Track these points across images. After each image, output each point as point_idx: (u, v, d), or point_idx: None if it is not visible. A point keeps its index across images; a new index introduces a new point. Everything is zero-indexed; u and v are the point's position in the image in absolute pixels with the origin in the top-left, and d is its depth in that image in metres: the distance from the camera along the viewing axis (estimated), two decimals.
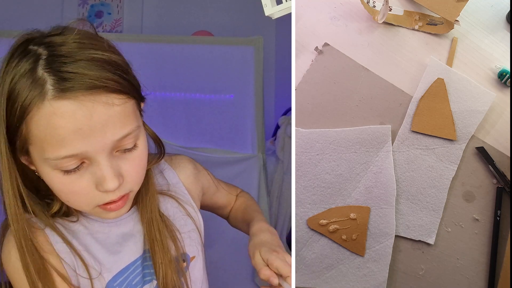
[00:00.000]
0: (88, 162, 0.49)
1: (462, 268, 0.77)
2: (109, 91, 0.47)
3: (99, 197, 0.50)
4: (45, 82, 0.46)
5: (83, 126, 0.46)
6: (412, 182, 0.78)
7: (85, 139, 0.46)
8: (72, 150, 0.46)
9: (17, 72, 0.47)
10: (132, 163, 0.51)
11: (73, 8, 2.31)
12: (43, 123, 0.46)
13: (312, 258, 0.76)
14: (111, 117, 0.47)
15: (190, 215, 0.65)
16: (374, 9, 0.81)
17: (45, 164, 0.48)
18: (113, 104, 0.48)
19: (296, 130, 0.78)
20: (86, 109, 0.46)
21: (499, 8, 0.83)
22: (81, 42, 0.49)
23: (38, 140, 0.47)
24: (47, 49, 0.48)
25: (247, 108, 1.79)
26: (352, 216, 0.76)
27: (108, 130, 0.47)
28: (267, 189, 1.82)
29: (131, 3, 2.35)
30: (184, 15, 2.33)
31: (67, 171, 0.48)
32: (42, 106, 0.45)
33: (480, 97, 0.78)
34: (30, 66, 0.47)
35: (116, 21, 2.34)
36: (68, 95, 0.45)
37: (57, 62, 0.46)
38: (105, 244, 0.58)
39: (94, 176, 0.49)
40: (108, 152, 0.49)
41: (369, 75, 0.80)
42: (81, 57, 0.47)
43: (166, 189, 0.65)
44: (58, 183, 0.49)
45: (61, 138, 0.46)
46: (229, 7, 2.35)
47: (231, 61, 1.75)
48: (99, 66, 0.48)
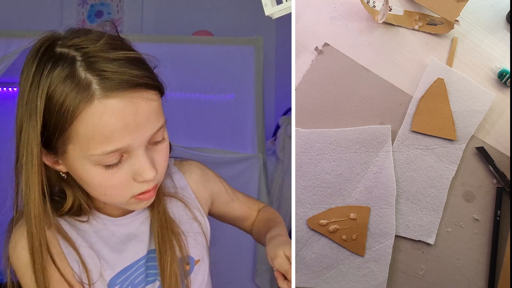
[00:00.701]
0: (126, 156, 0.51)
1: (462, 268, 0.77)
2: (148, 88, 0.51)
3: (136, 187, 0.53)
4: (90, 83, 0.48)
5: (130, 122, 0.49)
6: (412, 182, 0.78)
7: (131, 134, 0.49)
8: (119, 144, 0.49)
9: (55, 77, 0.48)
10: (161, 154, 0.55)
11: (73, 8, 2.31)
12: (93, 122, 0.48)
13: (312, 258, 0.76)
14: (151, 112, 0.51)
15: (196, 218, 0.66)
16: (374, 9, 0.81)
17: (86, 161, 0.50)
18: (152, 99, 0.51)
19: (296, 130, 0.78)
20: (133, 105, 0.49)
21: (499, 8, 0.83)
22: (110, 42, 0.51)
23: (84, 139, 0.48)
24: (79, 51, 0.49)
25: (247, 108, 1.79)
26: (352, 216, 0.76)
27: (149, 124, 0.51)
28: (267, 189, 1.82)
29: (131, 3, 2.35)
30: (184, 15, 2.33)
31: (108, 166, 0.50)
32: (92, 106, 0.47)
33: (480, 97, 0.78)
34: (68, 69, 0.48)
35: (116, 21, 2.34)
36: (115, 94, 0.48)
37: (95, 62, 0.48)
38: (109, 242, 0.60)
39: (133, 168, 0.52)
40: (145, 144, 0.52)
41: (369, 75, 0.80)
42: (115, 57, 0.49)
43: (173, 192, 0.66)
44: (98, 178, 0.51)
45: (110, 134, 0.48)
46: (229, 7, 2.35)
47: (231, 61, 1.75)
48: (134, 64, 0.51)
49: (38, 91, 0.49)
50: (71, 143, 0.49)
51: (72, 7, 2.31)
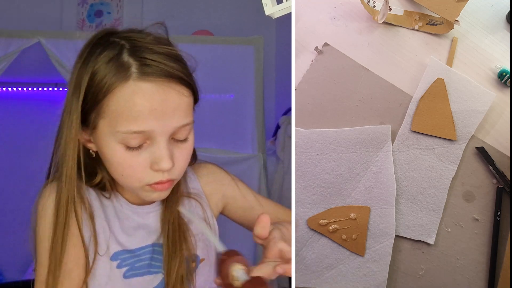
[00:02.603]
0: (149, 143, 0.54)
1: (462, 268, 0.77)
2: (181, 82, 0.55)
3: (151, 175, 0.56)
4: (130, 66, 0.53)
5: (157, 107, 0.52)
6: (412, 182, 0.78)
7: (156, 119, 0.52)
8: (143, 126, 0.52)
9: (102, 58, 0.54)
10: (182, 152, 0.57)
11: (73, 7, 2.31)
12: (124, 99, 0.52)
13: (312, 258, 0.76)
14: (180, 105, 0.55)
15: (206, 219, 0.68)
16: (374, 9, 0.81)
17: (112, 137, 0.54)
18: (183, 94, 0.55)
19: (296, 130, 0.78)
20: (163, 92, 0.53)
21: (499, 8, 0.83)
22: (159, 41, 0.57)
23: (114, 114, 0.53)
24: (129, 42, 0.55)
25: (247, 108, 1.79)
26: (352, 216, 0.76)
27: (175, 115, 0.54)
28: (267, 189, 1.82)
29: (131, 3, 2.35)
30: (184, 15, 2.33)
31: (129, 147, 0.54)
32: (126, 85, 0.52)
33: (480, 97, 0.78)
34: (115, 53, 0.54)
35: (116, 21, 2.34)
36: (149, 78, 0.52)
37: (139, 51, 0.54)
38: (122, 223, 0.63)
39: (152, 155, 0.54)
40: (168, 136, 0.55)
41: (369, 75, 0.80)
42: (159, 50, 0.54)
43: (186, 192, 0.69)
44: (119, 157, 0.54)
45: (136, 114, 0.52)
46: (229, 7, 2.35)
47: (231, 61, 1.75)
48: (174, 60, 0.55)
49: (86, 68, 0.54)
50: (102, 117, 0.54)
51: (72, 6, 2.31)
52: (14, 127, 2.21)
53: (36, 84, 2.25)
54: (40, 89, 2.26)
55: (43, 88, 2.26)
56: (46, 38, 1.70)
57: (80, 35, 1.77)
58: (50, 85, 2.24)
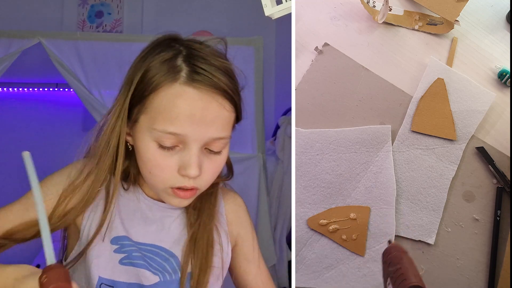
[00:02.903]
0: (181, 147, 0.56)
1: (462, 268, 0.77)
2: (225, 96, 0.56)
3: (176, 179, 0.57)
4: (181, 69, 0.55)
5: (196, 113, 0.54)
6: (412, 182, 0.78)
7: (193, 125, 0.54)
8: (178, 129, 0.54)
9: (158, 57, 0.57)
10: (212, 164, 0.59)
11: (73, 8, 2.32)
12: (167, 99, 0.54)
13: (312, 258, 0.76)
14: (219, 117, 0.56)
15: (221, 244, 0.68)
16: (374, 9, 0.81)
17: (148, 133, 0.56)
18: (224, 107, 0.56)
19: (296, 130, 0.78)
20: (206, 101, 0.55)
21: (499, 8, 0.83)
22: (215, 53, 0.59)
23: (155, 112, 0.55)
24: (187, 49, 0.58)
25: (247, 108, 1.78)
26: (352, 216, 0.76)
27: (212, 126, 0.55)
28: (267, 189, 1.82)
29: (131, 3, 2.35)
30: (184, 15, 2.33)
31: (162, 146, 0.56)
32: (172, 86, 0.55)
33: (480, 97, 0.78)
34: (171, 56, 0.57)
35: (116, 21, 2.34)
36: (195, 85, 0.54)
37: (193, 58, 0.56)
38: (133, 213, 0.65)
39: (182, 159, 0.56)
40: (201, 145, 0.56)
41: (369, 75, 0.80)
42: (212, 62, 0.57)
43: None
44: (150, 153, 0.56)
45: (175, 115, 0.54)
46: (229, 7, 2.35)
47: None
48: (224, 73, 0.57)
49: (142, 65, 0.57)
50: (144, 113, 0.56)
51: (72, 7, 2.31)
52: (14, 127, 2.21)
53: (37, 85, 2.25)
54: (41, 89, 2.26)
55: (44, 89, 2.26)
56: (47, 38, 1.70)
57: (80, 36, 1.77)
58: (51, 86, 2.24)
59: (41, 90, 2.26)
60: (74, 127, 2.23)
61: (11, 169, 2.19)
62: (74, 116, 2.24)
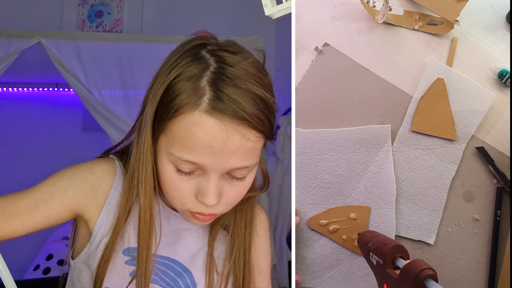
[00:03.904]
0: (200, 172, 0.53)
1: (462, 268, 0.77)
2: (251, 127, 0.51)
3: (193, 204, 0.55)
4: (204, 94, 0.51)
5: (215, 145, 0.50)
6: (412, 182, 0.78)
7: (211, 156, 0.51)
8: (195, 158, 0.51)
9: (184, 71, 0.52)
10: (234, 190, 0.55)
11: (73, 8, 2.32)
12: (186, 127, 0.51)
13: (312, 258, 0.76)
14: (241, 149, 0.52)
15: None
16: (374, 9, 0.81)
17: (165, 156, 0.53)
18: (249, 139, 0.52)
19: (296, 130, 0.78)
20: (226, 133, 0.50)
21: (499, 8, 0.83)
22: (248, 71, 0.53)
23: (172, 137, 0.52)
24: (217, 63, 0.52)
25: None
26: (352, 216, 0.76)
27: (232, 157, 0.52)
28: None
29: (131, 3, 2.35)
30: (184, 15, 2.33)
31: (180, 171, 0.53)
32: (193, 114, 0.50)
33: (480, 97, 0.78)
34: (197, 72, 0.52)
35: (116, 21, 2.34)
36: (216, 115, 0.50)
37: (221, 81, 0.51)
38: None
39: (200, 186, 0.53)
40: (221, 173, 0.53)
41: (369, 75, 0.80)
42: (242, 86, 0.51)
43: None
44: (167, 176, 0.54)
45: (192, 145, 0.51)
46: (229, 7, 2.35)
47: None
48: (254, 101, 0.52)
49: (166, 77, 0.53)
50: (164, 134, 0.53)
51: (72, 7, 2.31)
52: (14, 127, 2.21)
53: (37, 85, 2.25)
54: (41, 89, 2.26)
55: (44, 89, 2.26)
56: (47, 38, 1.70)
57: (80, 36, 1.77)
58: (51, 86, 2.24)
59: (41, 90, 2.26)
60: (74, 127, 2.23)
61: (11, 169, 2.19)
62: (74, 116, 2.24)
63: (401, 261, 0.57)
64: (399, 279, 0.54)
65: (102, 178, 0.60)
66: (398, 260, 0.58)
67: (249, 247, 0.64)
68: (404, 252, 0.59)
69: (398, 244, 0.59)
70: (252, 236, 0.64)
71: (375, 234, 0.67)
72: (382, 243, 0.61)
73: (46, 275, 1.85)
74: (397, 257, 0.58)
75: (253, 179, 0.58)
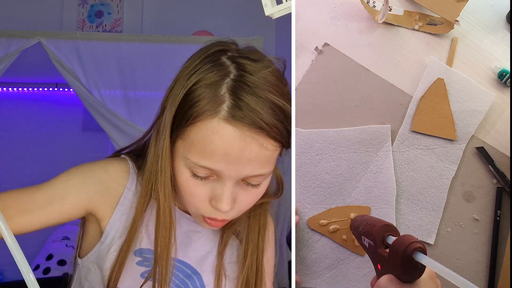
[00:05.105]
0: (215, 178, 0.54)
1: (462, 268, 0.77)
2: (269, 136, 0.52)
3: (207, 209, 0.55)
4: (223, 102, 0.51)
5: (232, 153, 0.51)
6: (412, 182, 0.78)
7: (227, 163, 0.51)
8: (212, 165, 0.52)
9: (204, 78, 0.53)
10: (248, 196, 0.56)
11: (73, 8, 2.32)
12: (203, 133, 0.51)
13: (312, 258, 0.77)
14: (258, 158, 0.52)
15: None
16: (374, 9, 0.81)
17: (182, 160, 0.54)
18: (266, 148, 0.52)
19: (296, 130, 0.78)
20: (244, 142, 0.51)
21: (499, 8, 0.83)
22: (268, 80, 0.53)
23: (190, 142, 0.53)
24: (237, 71, 0.53)
25: None
26: (352, 216, 0.76)
27: (249, 166, 0.52)
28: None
29: (131, 3, 2.35)
30: (184, 15, 2.33)
31: (195, 176, 0.53)
32: (211, 121, 0.51)
33: (480, 97, 0.78)
34: (217, 79, 0.52)
35: (116, 21, 2.34)
36: (235, 123, 0.50)
37: (240, 89, 0.51)
38: None
39: (215, 191, 0.54)
40: (237, 180, 0.53)
41: (369, 75, 0.80)
42: (261, 95, 0.52)
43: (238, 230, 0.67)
44: (183, 180, 0.54)
45: (209, 152, 0.51)
46: (229, 7, 2.35)
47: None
48: (272, 110, 0.52)
49: (186, 82, 0.53)
50: (181, 139, 0.54)
51: (72, 7, 2.32)
52: (14, 127, 2.21)
53: (37, 85, 2.25)
54: (41, 89, 2.26)
55: (44, 89, 2.26)
56: (47, 38, 1.70)
57: (80, 36, 1.77)
58: (51, 86, 2.24)
59: (40, 90, 2.27)
60: (74, 127, 2.24)
61: (11, 169, 2.19)
62: (74, 116, 2.24)
63: (392, 238, 0.57)
64: (389, 257, 0.54)
65: (115, 178, 0.60)
66: (388, 238, 0.57)
67: (262, 253, 0.64)
68: (393, 231, 0.58)
69: (386, 223, 0.58)
70: (265, 242, 0.65)
71: (365, 217, 0.66)
72: (371, 224, 0.60)
73: (46, 275, 1.85)
74: (387, 236, 0.58)
75: (267, 186, 0.58)
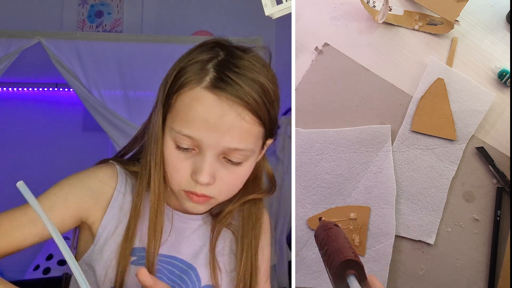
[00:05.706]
0: (197, 151, 0.56)
1: (462, 268, 0.77)
2: (246, 107, 0.54)
3: (188, 183, 0.57)
4: (207, 74, 0.55)
5: (210, 119, 0.53)
6: (412, 182, 0.78)
7: (206, 130, 0.53)
8: (192, 132, 0.54)
9: (195, 58, 0.57)
10: (229, 175, 0.57)
11: (73, 8, 2.31)
12: (186, 101, 0.55)
13: (312, 258, 0.76)
14: (235, 128, 0.54)
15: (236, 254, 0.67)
16: (374, 9, 0.81)
17: (168, 133, 0.57)
18: (243, 119, 0.54)
19: (296, 130, 0.78)
20: (222, 109, 0.53)
21: (499, 8, 0.83)
22: (253, 63, 0.57)
23: (175, 112, 0.56)
24: (225, 55, 0.57)
25: None
26: (352, 216, 0.76)
27: (227, 135, 0.54)
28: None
29: (131, 3, 2.35)
30: (184, 15, 2.33)
31: (178, 147, 0.56)
32: (193, 89, 0.54)
33: (480, 97, 0.78)
34: (206, 58, 0.56)
35: (116, 21, 2.34)
36: (215, 91, 0.53)
37: (226, 66, 0.55)
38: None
39: (195, 164, 0.56)
40: (217, 153, 0.55)
41: (369, 75, 0.80)
42: (244, 73, 0.55)
43: (231, 223, 0.68)
44: (168, 153, 0.57)
45: (190, 118, 0.54)
46: (229, 7, 2.35)
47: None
48: (253, 86, 0.55)
49: (181, 62, 0.57)
50: (169, 112, 0.57)
51: (72, 7, 2.31)
52: (14, 127, 2.21)
53: (37, 85, 2.25)
54: (41, 89, 2.26)
55: (44, 89, 2.26)
56: (47, 38, 1.70)
57: (80, 36, 1.77)
58: (51, 86, 2.24)
59: (40, 90, 2.26)
60: (74, 127, 2.23)
61: (12, 168, 2.19)
62: (74, 116, 2.24)
63: (353, 279, 0.45)
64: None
65: (105, 180, 0.61)
66: (349, 278, 0.46)
67: (256, 249, 0.65)
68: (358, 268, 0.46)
69: (346, 260, 0.46)
70: (258, 239, 0.65)
71: (327, 238, 0.53)
72: (330, 257, 0.49)
73: (46, 275, 1.85)
74: (348, 275, 0.46)
75: (250, 170, 0.59)
